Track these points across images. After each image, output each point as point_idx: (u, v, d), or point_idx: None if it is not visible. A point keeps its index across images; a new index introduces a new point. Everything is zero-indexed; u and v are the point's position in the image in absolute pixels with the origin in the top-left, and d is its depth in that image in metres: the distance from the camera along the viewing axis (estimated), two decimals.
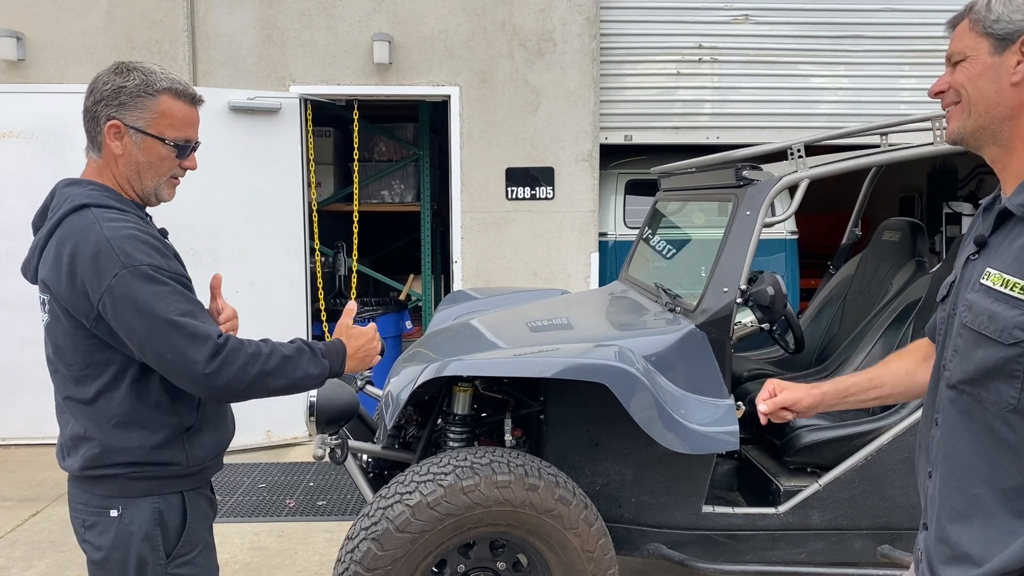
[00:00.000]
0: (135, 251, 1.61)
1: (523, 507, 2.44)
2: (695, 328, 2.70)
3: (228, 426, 1.90)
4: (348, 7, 5.42)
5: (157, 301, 1.60)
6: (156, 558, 1.71)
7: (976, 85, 1.29)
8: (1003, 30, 1.26)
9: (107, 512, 1.70)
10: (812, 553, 2.85)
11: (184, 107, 1.78)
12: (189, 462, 1.75)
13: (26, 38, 5.28)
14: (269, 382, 1.66)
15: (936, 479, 1.38)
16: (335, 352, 1.79)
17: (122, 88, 1.72)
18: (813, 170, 2.75)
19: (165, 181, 1.79)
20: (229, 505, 4.38)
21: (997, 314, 1.21)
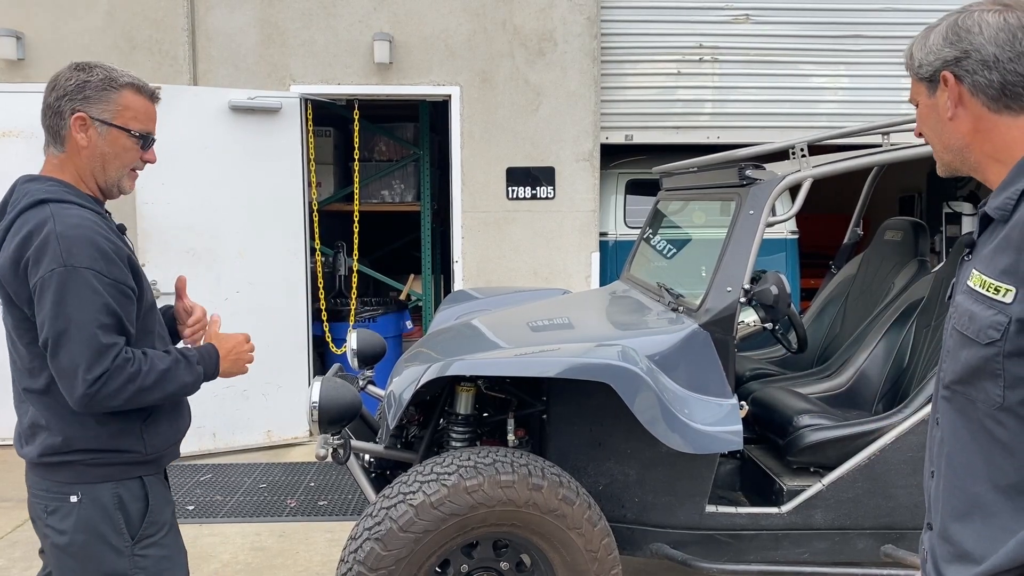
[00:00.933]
0: (79, 252, 1.66)
1: (527, 507, 2.44)
2: (698, 328, 2.70)
3: (184, 415, 1.97)
4: (348, 7, 5.41)
5: (78, 305, 1.66)
6: (121, 541, 1.77)
7: (929, 127, 1.36)
8: (927, 73, 1.31)
9: (67, 498, 1.75)
10: (815, 553, 2.85)
11: (145, 101, 1.85)
12: (147, 450, 1.82)
13: (26, 37, 5.27)
14: (144, 397, 1.74)
15: (938, 478, 1.39)
16: (208, 357, 1.89)
17: (86, 83, 1.78)
18: (816, 169, 2.75)
19: (127, 173, 1.86)
20: (230, 505, 4.37)
21: (975, 314, 1.23)
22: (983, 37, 1.25)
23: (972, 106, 1.28)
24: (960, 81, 1.27)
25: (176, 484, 4.70)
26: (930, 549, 1.42)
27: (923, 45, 1.33)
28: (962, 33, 1.27)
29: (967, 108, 1.28)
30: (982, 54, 1.25)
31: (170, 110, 4.94)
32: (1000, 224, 1.27)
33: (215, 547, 3.87)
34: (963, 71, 1.27)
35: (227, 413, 5.21)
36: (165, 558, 1.83)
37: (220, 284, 5.13)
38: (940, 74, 1.29)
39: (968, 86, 1.27)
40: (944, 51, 1.28)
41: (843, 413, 3.12)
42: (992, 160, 1.30)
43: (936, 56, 1.29)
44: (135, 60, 5.33)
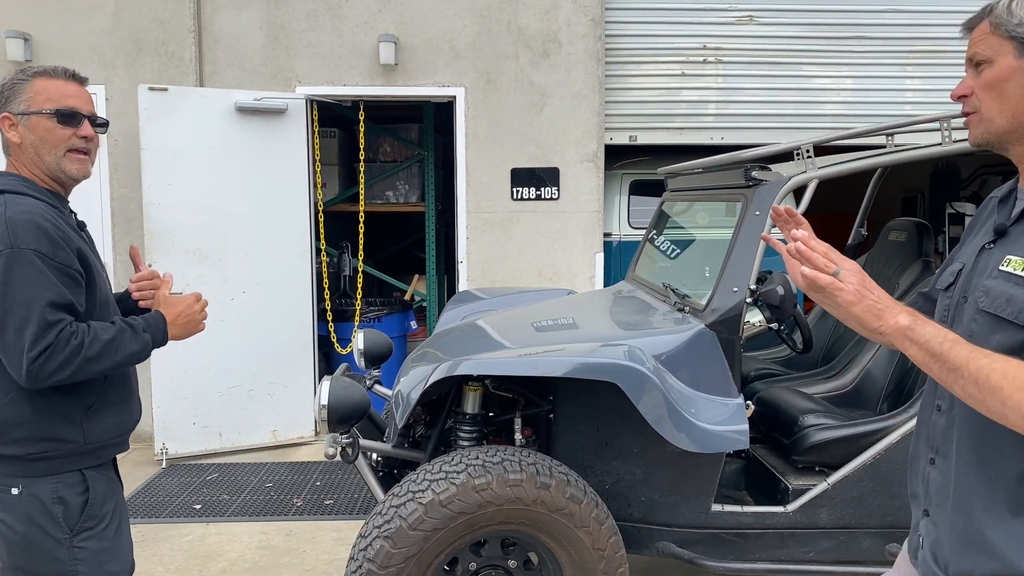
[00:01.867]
0: (26, 235, 1.75)
1: (535, 505, 2.46)
2: (705, 328, 2.72)
3: (133, 409, 2.02)
4: (354, 8, 5.43)
5: (24, 285, 1.74)
6: (60, 532, 1.84)
7: (1001, 90, 1.30)
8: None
9: (9, 490, 1.83)
10: (821, 551, 2.86)
11: (58, 82, 1.90)
12: (86, 440, 1.87)
13: (33, 39, 5.29)
14: (92, 367, 1.80)
15: (949, 463, 1.39)
16: (155, 324, 1.93)
17: (3, 87, 1.90)
18: (822, 171, 2.77)
19: (64, 155, 1.89)
20: (237, 504, 4.39)
21: (1015, 297, 1.24)
22: None
23: None
24: None
25: (182, 483, 4.72)
26: (927, 536, 1.43)
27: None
28: None
29: None
30: None
31: (177, 111, 4.97)
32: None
33: (222, 546, 3.89)
34: None
35: (233, 413, 5.24)
36: (104, 550, 1.90)
37: (226, 284, 5.15)
38: None
39: None
40: None
41: (848, 413, 3.13)
42: None
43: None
44: (142, 61, 5.36)
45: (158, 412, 5.04)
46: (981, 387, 1.19)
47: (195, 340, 4.98)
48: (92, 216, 5.24)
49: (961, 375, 1.21)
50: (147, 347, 1.90)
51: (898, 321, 1.29)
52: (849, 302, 1.29)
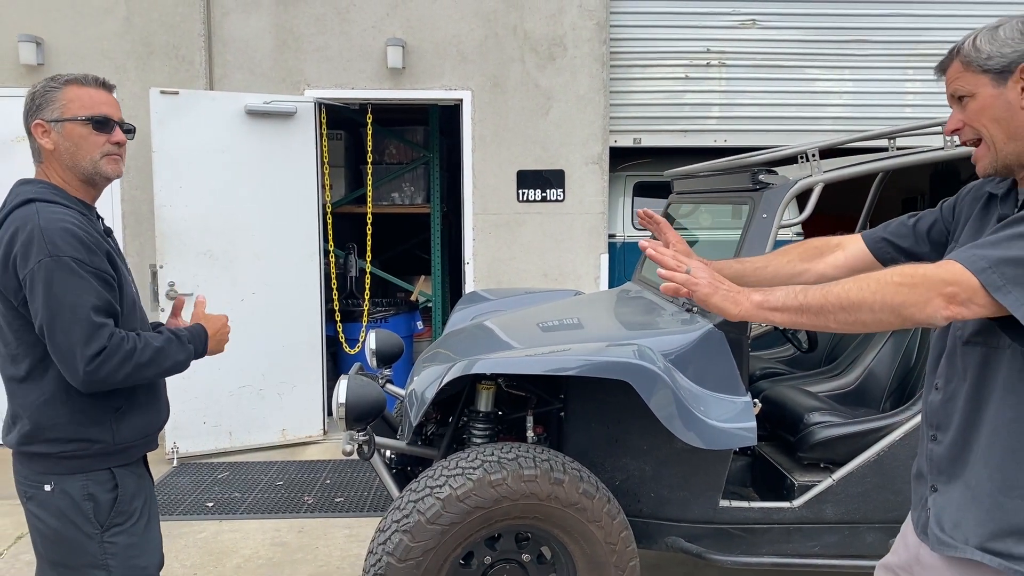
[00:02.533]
0: (62, 243, 1.81)
1: (548, 500, 2.52)
2: (713, 328, 2.79)
3: (161, 409, 2.09)
4: (362, 13, 5.50)
5: (67, 291, 1.80)
6: (91, 528, 1.91)
7: (992, 117, 1.42)
8: (998, 64, 1.40)
9: (42, 487, 1.90)
10: (826, 546, 2.93)
11: (90, 90, 1.97)
12: (116, 440, 1.93)
13: (45, 43, 5.36)
14: (142, 373, 1.87)
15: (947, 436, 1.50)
16: (198, 337, 2.02)
17: (35, 95, 1.95)
18: (828, 174, 2.84)
19: (101, 159, 1.96)
20: (248, 502, 4.46)
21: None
22: None
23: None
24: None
25: (194, 482, 4.79)
26: (935, 507, 1.53)
27: (993, 38, 1.41)
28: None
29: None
30: None
31: (187, 114, 5.03)
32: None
33: (236, 543, 3.96)
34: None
35: (243, 412, 5.30)
36: (133, 545, 1.96)
37: (236, 285, 5.21)
38: (1019, 65, 1.38)
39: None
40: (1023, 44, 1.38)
41: (852, 411, 3.20)
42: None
43: (1013, 48, 1.39)
44: (152, 65, 5.43)
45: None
46: (848, 309, 1.34)
47: None
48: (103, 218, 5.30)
49: (828, 310, 1.36)
50: (190, 357, 1.98)
51: (752, 299, 1.45)
52: (707, 294, 1.45)
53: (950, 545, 1.47)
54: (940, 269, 1.32)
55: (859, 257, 1.86)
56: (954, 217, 1.73)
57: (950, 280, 1.30)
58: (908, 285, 1.32)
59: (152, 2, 5.40)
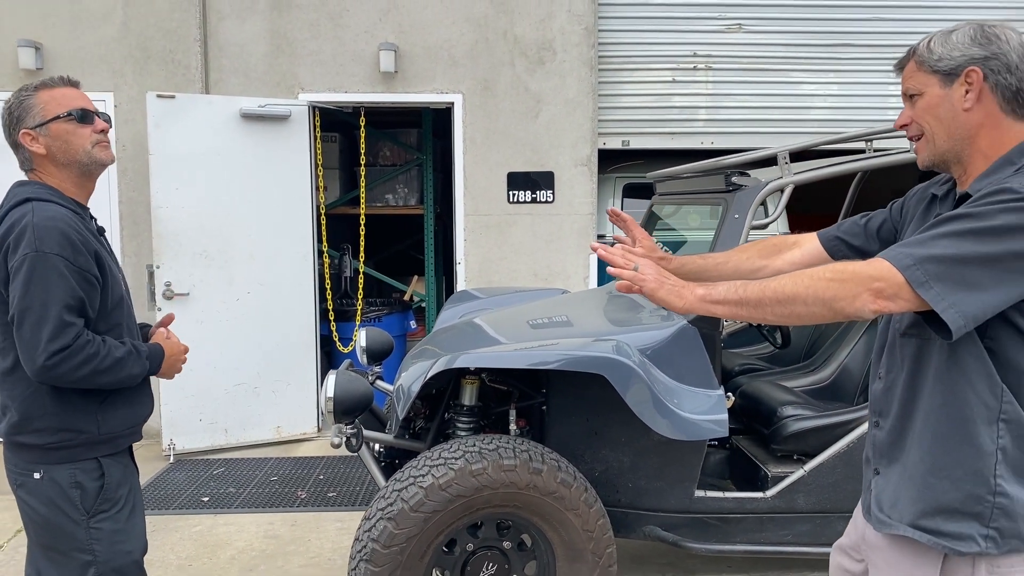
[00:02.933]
0: (51, 240, 1.90)
1: (527, 489, 2.63)
2: (687, 324, 2.89)
3: (146, 402, 2.18)
4: (355, 18, 5.61)
5: (44, 285, 1.90)
6: (78, 514, 2.01)
7: (936, 115, 1.52)
8: (947, 66, 1.50)
9: (31, 475, 2.00)
10: (798, 535, 3.04)
11: (61, 89, 2.07)
12: (101, 431, 2.03)
13: (44, 48, 5.46)
14: (96, 379, 1.96)
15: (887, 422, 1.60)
16: (156, 356, 2.12)
17: (11, 109, 2.04)
18: (798, 176, 2.94)
19: (93, 147, 2.06)
20: (243, 497, 4.56)
21: None
22: (1009, 46, 1.47)
23: (987, 103, 1.48)
24: (985, 79, 1.47)
25: (190, 477, 4.89)
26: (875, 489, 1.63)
27: (945, 41, 1.51)
28: (992, 38, 1.48)
29: (983, 104, 1.48)
30: (1008, 59, 1.46)
31: (184, 118, 5.14)
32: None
33: (230, 535, 4.06)
34: (988, 70, 1.47)
35: (238, 409, 5.41)
36: (119, 531, 2.06)
37: (232, 285, 5.32)
38: (964, 69, 1.47)
39: (991, 84, 1.47)
40: (972, 49, 1.48)
41: (826, 405, 3.31)
42: (982, 155, 1.51)
43: (962, 53, 1.48)
44: (149, 69, 5.53)
45: (166, 409, 5.20)
46: (784, 302, 1.45)
47: (202, 339, 5.17)
48: (101, 219, 5.39)
49: (765, 303, 1.46)
50: (144, 373, 2.08)
51: (695, 293, 1.55)
52: (653, 289, 1.54)
53: (887, 523, 1.57)
54: (869, 266, 1.42)
55: (814, 254, 1.96)
56: (902, 216, 1.84)
57: (877, 276, 1.40)
58: (839, 280, 1.41)
59: (149, 8, 5.51)
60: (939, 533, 1.49)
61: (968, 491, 1.47)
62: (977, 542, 1.46)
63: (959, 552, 1.47)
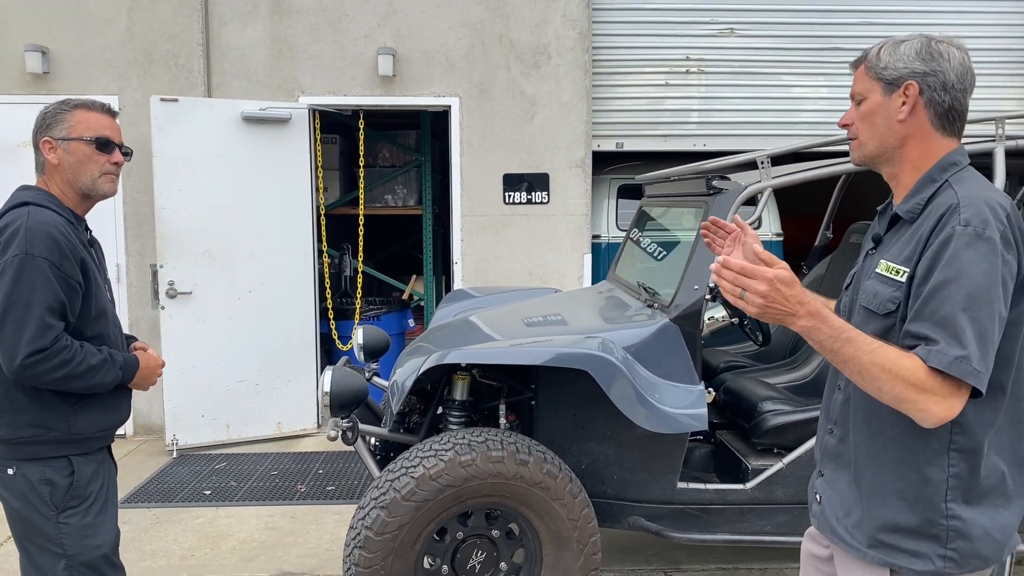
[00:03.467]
0: (40, 244, 2.01)
1: (515, 480, 2.75)
2: (669, 322, 3.01)
3: (122, 408, 2.27)
4: (354, 23, 5.73)
5: (29, 286, 2.00)
6: (47, 510, 2.10)
7: (872, 121, 1.61)
8: (890, 76, 1.57)
9: (5, 470, 2.10)
10: (777, 525, 3.15)
11: (96, 115, 2.19)
12: (71, 431, 2.12)
13: (50, 52, 5.59)
14: (69, 383, 2.06)
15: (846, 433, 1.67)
16: (130, 366, 2.21)
17: (46, 115, 2.17)
18: (776, 180, 3.06)
19: (100, 177, 2.19)
20: (244, 490, 4.69)
21: (879, 292, 1.55)
22: (949, 64, 1.55)
23: (920, 116, 1.56)
24: (921, 93, 1.55)
25: (193, 471, 5.02)
26: (823, 492, 1.73)
27: (893, 51, 1.58)
28: (934, 54, 1.55)
29: (915, 116, 1.56)
30: (945, 78, 1.54)
31: (187, 120, 5.27)
32: (906, 224, 1.58)
33: (232, 527, 4.19)
34: (925, 85, 1.55)
35: (240, 406, 5.53)
36: (87, 526, 2.14)
37: (234, 284, 5.44)
38: (904, 81, 1.55)
39: (925, 99, 1.55)
40: (915, 63, 1.55)
41: (806, 400, 3.42)
42: (911, 166, 1.60)
43: (905, 65, 1.56)
44: (153, 73, 5.66)
45: (169, 405, 5.33)
46: (865, 379, 1.46)
47: (204, 337, 5.30)
48: (106, 219, 5.53)
49: (849, 368, 1.48)
50: (116, 381, 2.16)
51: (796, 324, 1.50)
52: (757, 315, 1.51)
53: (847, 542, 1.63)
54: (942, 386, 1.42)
55: None
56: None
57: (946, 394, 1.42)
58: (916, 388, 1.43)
59: (153, 13, 5.64)
60: (897, 549, 1.55)
61: (922, 514, 1.53)
62: (932, 561, 1.52)
63: (915, 571, 1.53)
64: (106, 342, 2.18)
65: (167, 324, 5.28)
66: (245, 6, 5.68)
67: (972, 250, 1.42)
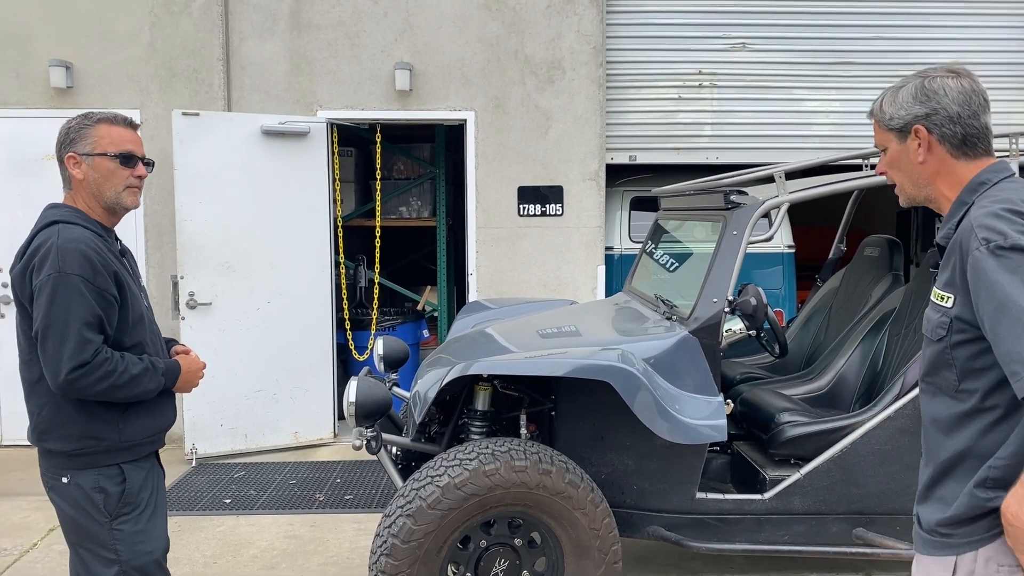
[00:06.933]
0: (73, 261, 2.07)
1: (537, 489, 2.80)
2: (688, 334, 3.06)
3: (168, 412, 2.33)
4: (372, 38, 5.82)
5: (65, 304, 2.06)
6: (101, 516, 2.17)
7: (899, 168, 1.69)
8: (897, 124, 1.65)
9: (60, 479, 2.16)
10: (794, 535, 3.19)
11: (119, 129, 2.24)
12: (122, 438, 2.19)
13: (74, 67, 5.70)
14: (113, 393, 2.12)
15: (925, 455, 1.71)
16: (172, 372, 2.27)
17: (69, 129, 2.21)
18: (793, 195, 3.11)
19: (123, 190, 2.24)
20: (264, 499, 4.75)
21: (931, 318, 1.61)
22: (948, 98, 1.61)
23: (938, 152, 1.63)
24: (930, 132, 1.61)
25: (212, 480, 5.08)
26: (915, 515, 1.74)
27: (893, 101, 1.65)
28: (930, 94, 1.61)
29: (934, 154, 1.63)
30: (949, 112, 1.60)
31: (207, 134, 5.36)
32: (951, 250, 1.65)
33: (252, 535, 4.24)
34: (932, 124, 1.61)
35: (257, 415, 5.60)
36: (139, 532, 2.21)
37: (253, 295, 5.52)
38: (912, 126, 1.62)
39: (936, 136, 1.62)
40: (915, 108, 1.62)
41: (822, 412, 3.47)
42: (945, 197, 1.67)
43: (907, 111, 1.63)
44: (174, 88, 5.76)
45: (188, 414, 5.40)
46: None
47: (223, 347, 5.38)
48: (127, 231, 5.62)
49: None
50: (160, 388, 2.22)
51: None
52: None
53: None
54: None
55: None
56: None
57: None
58: None
59: (175, 29, 5.74)
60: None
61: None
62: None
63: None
64: (146, 349, 2.24)
65: (187, 334, 5.35)
66: (265, 22, 5.79)
67: (1002, 269, 1.43)
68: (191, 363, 2.35)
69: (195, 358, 2.38)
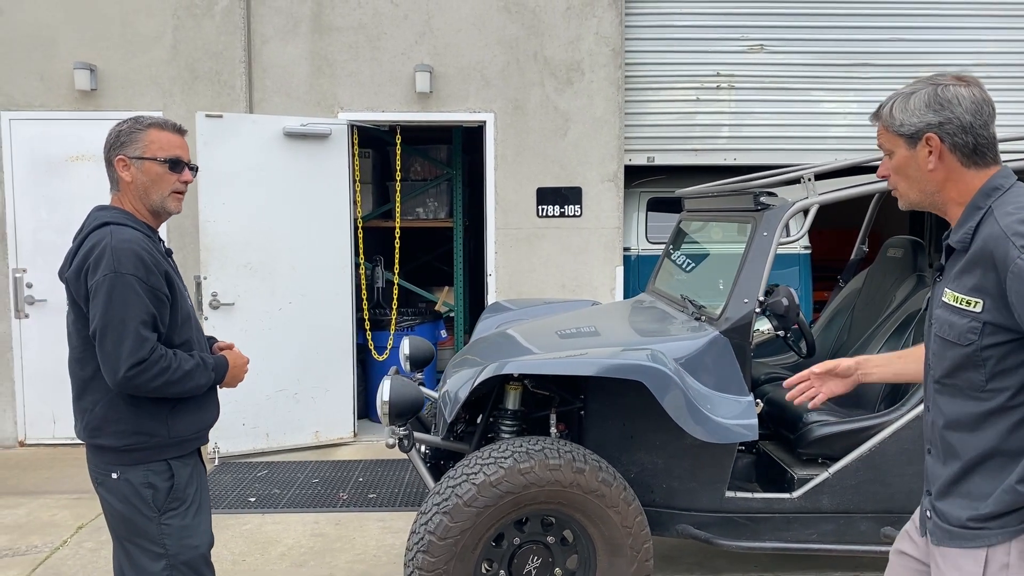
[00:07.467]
0: (127, 261, 2.12)
1: (571, 487, 2.83)
2: (719, 334, 3.09)
3: (212, 408, 2.39)
4: (392, 41, 5.87)
5: (122, 303, 2.11)
6: (150, 511, 2.22)
7: (906, 174, 1.69)
8: (908, 131, 1.65)
9: (110, 475, 2.21)
10: (823, 534, 3.22)
11: (168, 134, 2.30)
12: (171, 434, 2.24)
13: (98, 70, 5.75)
14: (168, 389, 2.17)
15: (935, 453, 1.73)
16: (221, 367, 2.33)
17: (120, 132, 2.25)
18: (823, 196, 3.14)
19: (168, 195, 2.29)
20: (288, 498, 4.79)
21: (955, 323, 1.62)
22: (961, 107, 1.61)
23: (948, 160, 1.64)
24: (942, 141, 1.62)
25: (235, 479, 5.12)
26: (932, 509, 1.76)
27: (904, 107, 1.65)
28: (944, 103, 1.62)
29: (944, 162, 1.64)
30: (961, 121, 1.61)
31: (230, 136, 5.40)
32: (960, 253, 1.66)
33: (279, 533, 4.28)
34: (945, 133, 1.62)
35: (279, 415, 5.64)
36: (187, 527, 2.26)
37: (275, 296, 5.56)
38: (924, 134, 1.62)
39: (948, 145, 1.63)
40: (928, 116, 1.62)
41: (848, 411, 3.49)
42: (955, 203, 1.68)
43: (919, 119, 1.63)
44: (197, 90, 5.81)
45: None
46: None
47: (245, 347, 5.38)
48: None
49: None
50: (210, 383, 2.28)
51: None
52: None
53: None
54: None
55: None
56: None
57: None
58: None
59: (197, 31, 5.79)
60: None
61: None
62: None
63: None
64: (193, 346, 2.29)
65: (210, 334, 5.38)
66: (286, 24, 5.83)
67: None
68: (237, 358, 2.40)
69: (240, 353, 2.44)
